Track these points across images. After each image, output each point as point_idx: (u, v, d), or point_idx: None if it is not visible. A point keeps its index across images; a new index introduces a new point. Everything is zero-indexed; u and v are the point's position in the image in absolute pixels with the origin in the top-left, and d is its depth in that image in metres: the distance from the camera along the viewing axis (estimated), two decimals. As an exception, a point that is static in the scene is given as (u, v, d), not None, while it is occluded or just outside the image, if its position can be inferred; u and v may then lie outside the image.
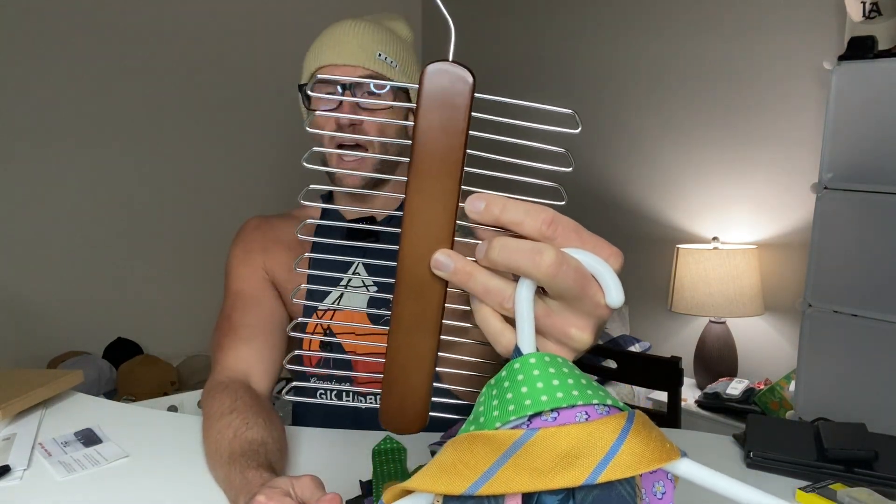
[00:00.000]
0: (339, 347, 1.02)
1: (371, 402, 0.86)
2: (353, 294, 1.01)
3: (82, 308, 2.65)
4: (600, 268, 0.39)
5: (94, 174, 2.66)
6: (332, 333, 1.03)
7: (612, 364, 1.83)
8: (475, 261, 0.40)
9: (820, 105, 2.18)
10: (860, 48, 1.60)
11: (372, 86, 0.97)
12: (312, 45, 1.04)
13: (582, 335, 0.40)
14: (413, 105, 0.43)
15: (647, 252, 2.76)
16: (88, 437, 0.94)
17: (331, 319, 1.02)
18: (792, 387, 2.03)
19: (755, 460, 0.84)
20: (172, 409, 1.56)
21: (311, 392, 1.05)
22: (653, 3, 2.66)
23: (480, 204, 0.39)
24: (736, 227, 2.49)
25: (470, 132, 0.42)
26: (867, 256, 1.57)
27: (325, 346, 1.02)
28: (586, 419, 0.35)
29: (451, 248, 0.42)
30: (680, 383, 1.68)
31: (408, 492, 0.37)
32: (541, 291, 0.40)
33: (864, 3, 1.80)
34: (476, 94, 0.41)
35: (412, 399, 0.45)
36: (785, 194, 2.35)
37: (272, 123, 3.06)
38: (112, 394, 2.36)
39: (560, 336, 0.40)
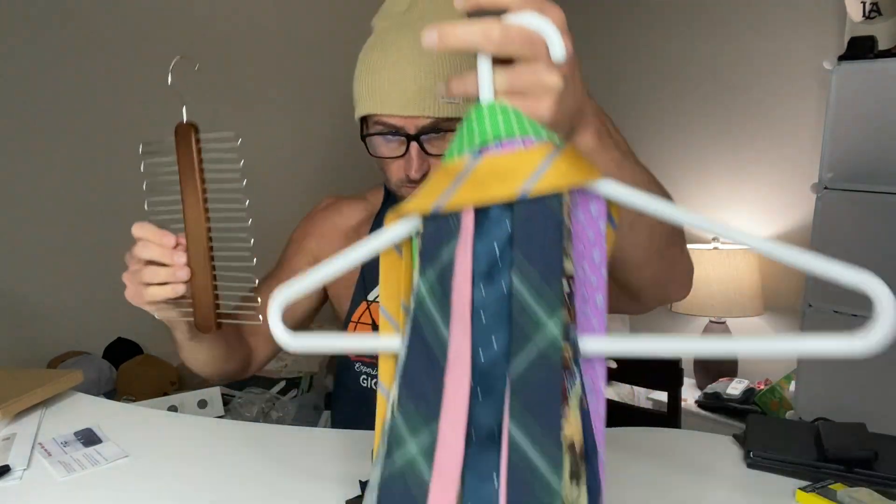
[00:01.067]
0: None
1: None
2: None
3: (82, 308, 2.65)
4: (543, 25, 0.47)
5: (95, 173, 2.66)
6: (375, 325, 1.04)
7: (612, 364, 1.83)
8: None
9: (820, 105, 2.18)
10: (860, 48, 1.60)
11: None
12: (363, 75, 0.92)
13: (547, 80, 0.48)
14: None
15: (647, 252, 2.76)
16: (88, 437, 0.94)
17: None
18: (792, 387, 2.03)
19: (755, 460, 0.84)
20: (172, 409, 1.56)
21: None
22: (652, 3, 2.66)
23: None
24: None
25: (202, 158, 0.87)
26: (867, 256, 1.57)
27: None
28: (524, 146, 0.45)
29: (208, 238, 0.81)
30: (680, 383, 1.69)
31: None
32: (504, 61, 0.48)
33: (864, 3, 1.80)
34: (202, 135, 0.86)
35: (205, 310, 0.81)
36: (785, 194, 2.35)
37: (272, 122, 3.06)
38: (112, 394, 2.36)
39: (526, 88, 0.48)
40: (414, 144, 0.89)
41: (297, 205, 1.47)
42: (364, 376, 1.08)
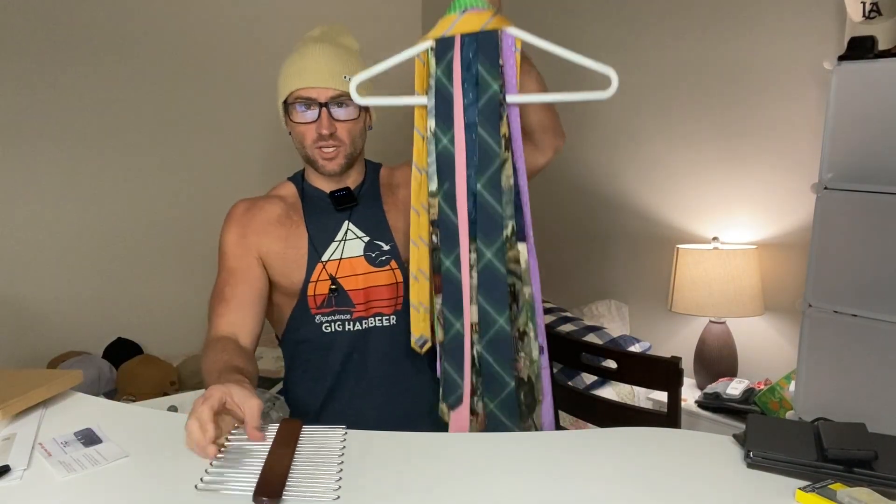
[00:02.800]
0: (341, 289, 1.31)
1: (377, 323, 1.35)
2: (351, 245, 1.34)
3: (82, 308, 2.66)
4: None
5: (94, 174, 2.66)
6: (334, 279, 1.31)
7: (612, 364, 1.83)
8: None
9: (820, 105, 2.18)
10: (860, 48, 1.60)
11: (340, 103, 1.29)
12: (287, 68, 1.30)
13: None
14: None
15: (647, 252, 2.76)
16: (88, 437, 0.94)
17: (335, 270, 1.32)
18: (792, 387, 2.03)
19: (755, 460, 0.84)
20: (172, 409, 1.56)
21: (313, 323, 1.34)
22: (653, 3, 2.66)
23: None
24: (736, 227, 2.49)
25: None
26: (867, 256, 1.57)
27: (332, 291, 1.31)
28: (481, 10, 1.08)
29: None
30: (680, 383, 1.68)
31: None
32: None
33: (864, 3, 1.79)
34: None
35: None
36: (785, 194, 2.35)
37: (268, 123, 3.06)
38: (112, 394, 2.36)
39: None
40: (324, 109, 1.27)
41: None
42: (326, 324, 1.33)
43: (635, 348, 2.56)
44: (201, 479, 0.79)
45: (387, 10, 3.43)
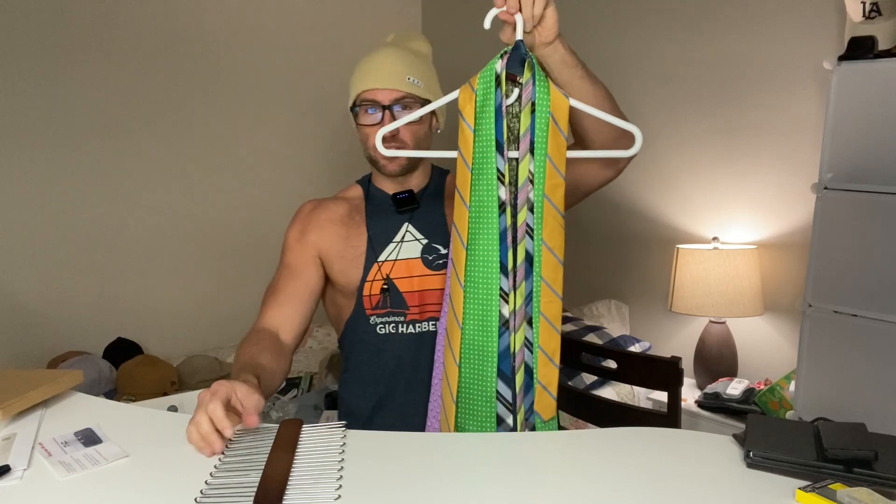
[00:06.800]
0: (395, 290, 1.32)
1: (430, 328, 1.35)
2: (409, 247, 1.34)
3: (82, 308, 2.65)
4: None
5: (94, 173, 2.66)
6: (389, 280, 1.32)
7: (612, 364, 1.83)
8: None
9: (820, 105, 2.18)
10: (860, 48, 1.60)
11: (403, 105, 1.30)
12: (354, 73, 1.33)
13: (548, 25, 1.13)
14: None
15: (647, 252, 2.76)
16: (88, 437, 0.94)
17: (390, 270, 1.33)
18: (792, 387, 2.03)
19: (755, 460, 0.84)
20: (172, 409, 1.56)
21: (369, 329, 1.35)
22: (653, 2, 2.66)
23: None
24: (736, 227, 2.49)
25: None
26: (867, 256, 1.57)
27: (384, 291, 1.32)
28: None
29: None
30: (680, 383, 1.68)
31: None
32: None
33: (864, 3, 1.79)
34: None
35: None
36: (785, 194, 2.35)
37: (273, 124, 3.06)
38: (112, 394, 2.36)
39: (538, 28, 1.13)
40: (387, 112, 1.29)
41: (296, 203, 1.49)
42: (380, 325, 1.33)
43: (635, 348, 2.56)
44: (201, 492, 0.79)
45: (387, 10, 3.43)
